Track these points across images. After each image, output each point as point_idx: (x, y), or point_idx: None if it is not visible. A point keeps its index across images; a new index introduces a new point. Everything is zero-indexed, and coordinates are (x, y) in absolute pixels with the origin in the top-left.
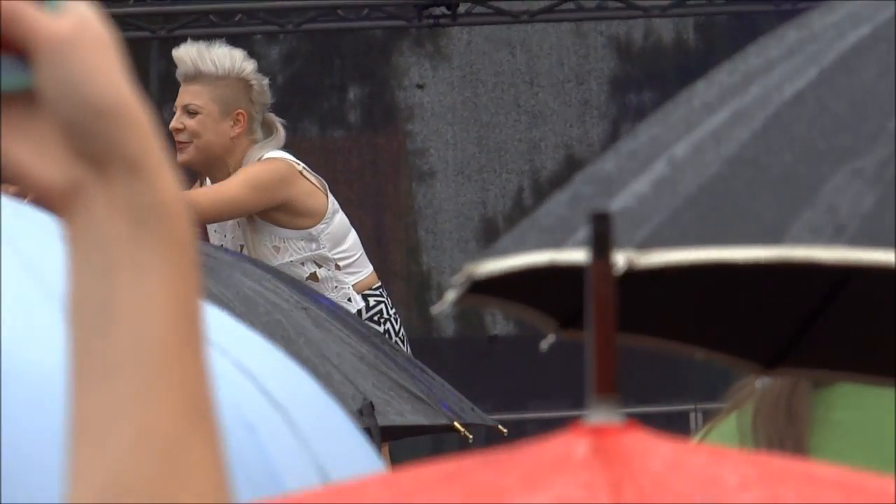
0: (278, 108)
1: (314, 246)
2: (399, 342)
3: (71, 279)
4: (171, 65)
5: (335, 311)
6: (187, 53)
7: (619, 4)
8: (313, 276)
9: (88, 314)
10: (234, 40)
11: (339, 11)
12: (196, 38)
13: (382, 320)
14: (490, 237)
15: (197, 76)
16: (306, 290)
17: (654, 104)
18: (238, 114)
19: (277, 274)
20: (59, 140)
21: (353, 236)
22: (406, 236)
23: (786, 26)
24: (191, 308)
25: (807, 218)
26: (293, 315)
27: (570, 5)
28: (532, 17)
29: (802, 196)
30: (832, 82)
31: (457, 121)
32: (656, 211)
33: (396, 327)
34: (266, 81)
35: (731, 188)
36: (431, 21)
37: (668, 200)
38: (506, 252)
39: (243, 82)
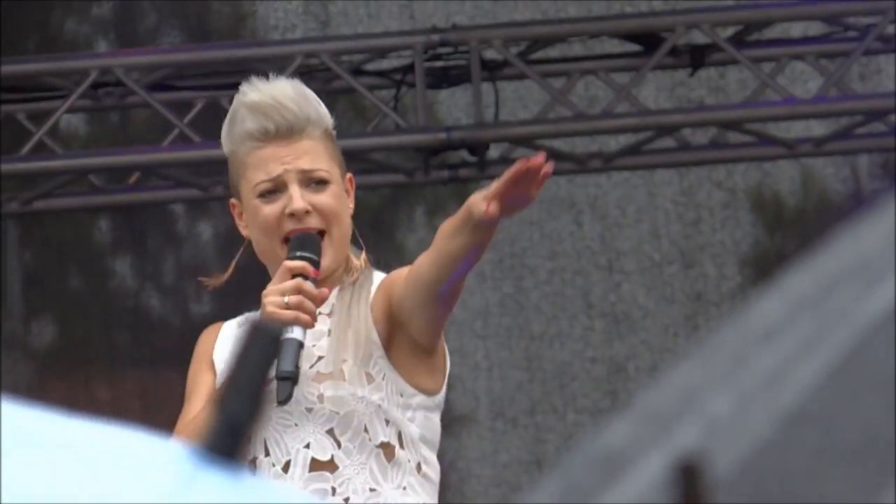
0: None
1: (425, 421)
2: None
3: None
4: None
5: None
6: (281, 94)
7: (748, 138)
8: (388, 450)
9: None
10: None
11: None
12: None
13: None
14: None
15: (304, 127)
16: None
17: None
18: (350, 179)
19: None
20: None
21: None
22: None
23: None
24: None
25: None
26: None
27: (669, 142)
28: (607, 162)
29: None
30: None
31: (492, 332)
32: None
33: None
34: None
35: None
36: (447, 174)
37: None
38: None
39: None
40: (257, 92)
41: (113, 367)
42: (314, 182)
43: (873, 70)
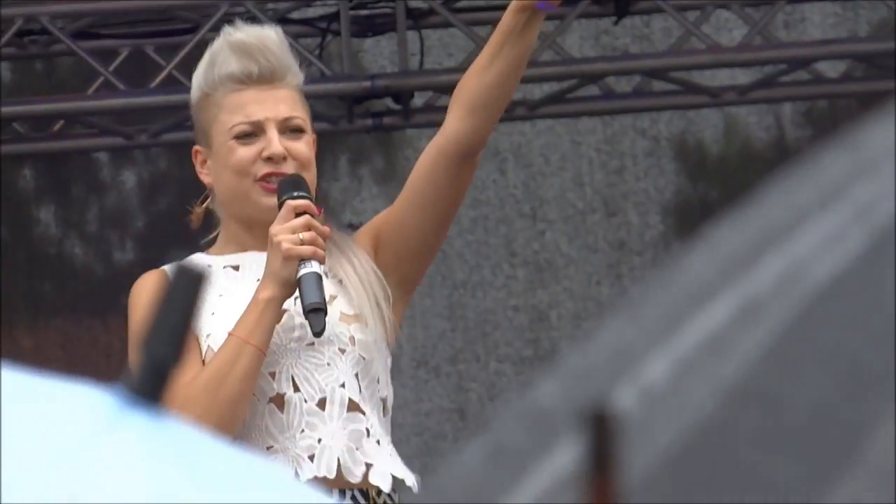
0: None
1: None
2: None
3: None
4: None
5: None
6: (268, 37)
7: (672, 87)
8: (385, 407)
9: None
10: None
11: None
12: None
13: None
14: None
15: (285, 75)
16: None
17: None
18: (314, 141)
19: None
20: None
21: None
22: None
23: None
24: None
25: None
26: None
27: (593, 89)
28: (531, 110)
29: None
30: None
31: None
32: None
33: None
34: None
35: (728, 438)
36: (370, 122)
37: (635, 459)
38: None
39: None
40: (244, 33)
41: (36, 315)
42: (290, 130)
43: (798, 18)
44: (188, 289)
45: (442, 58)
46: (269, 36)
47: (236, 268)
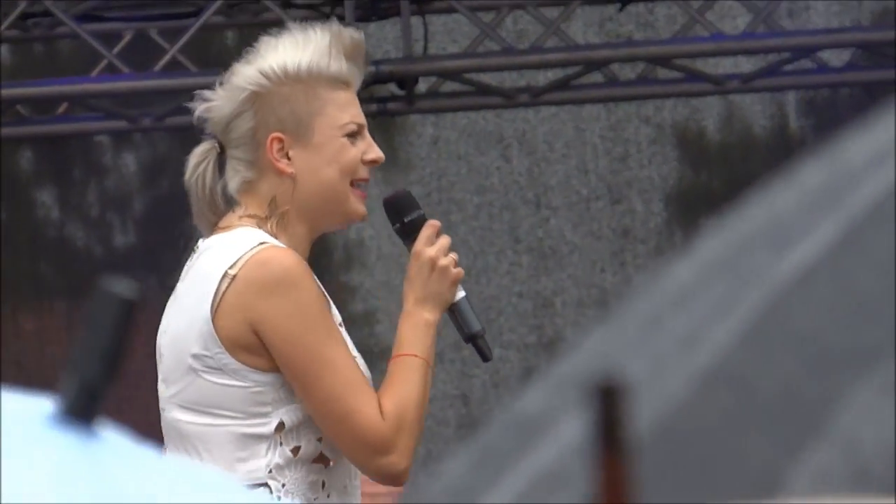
0: None
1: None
2: None
3: None
4: None
5: None
6: (363, 44)
7: (675, 74)
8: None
9: None
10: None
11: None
12: None
13: None
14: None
15: (361, 81)
16: None
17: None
18: None
19: None
20: None
21: None
22: None
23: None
24: None
25: (816, 461)
26: None
27: (598, 76)
28: (536, 96)
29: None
30: (857, 248)
31: None
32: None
33: None
34: None
35: (707, 420)
36: (374, 107)
37: None
38: None
39: None
40: (353, 37)
41: (40, 298)
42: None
43: (802, 7)
44: (118, 308)
45: (446, 43)
46: (364, 42)
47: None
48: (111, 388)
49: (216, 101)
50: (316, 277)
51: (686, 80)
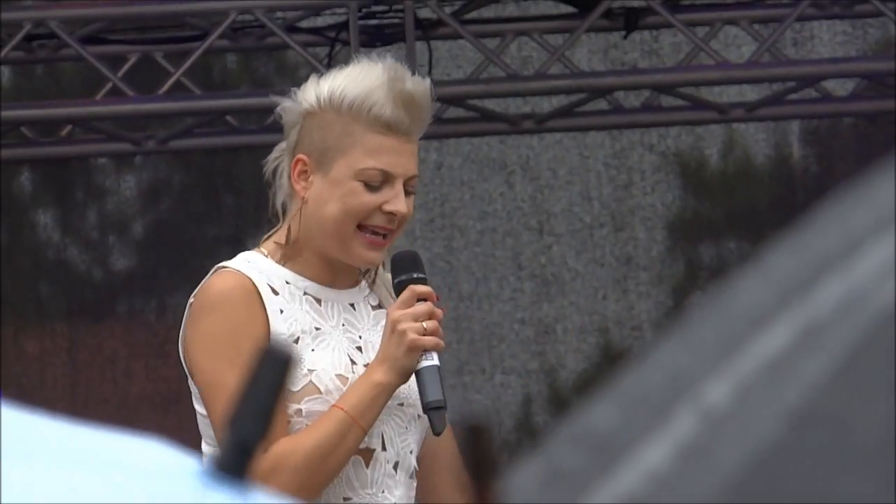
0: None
1: None
2: None
3: None
4: None
5: None
6: (425, 94)
7: (680, 102)
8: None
9: None
10: None
11: (229, 117)
12: None
13: None
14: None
15: (421, 130)
16: None
17: (740, 265)
18: None
19: None
20: None
21: None
22: None
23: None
24: None
25: None
26: None
27: (602, 103)
28: (540, 123)
29: None
30: None
31: None
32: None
33: None
34: None
35: (798, 461)
36: None
37: (700, 482)
38: None
39: None
40: (412, 85)
41: (41, 320)
42: (408, 190)
43: (806, 36)
44: (276, 368)
45: (450, 69)
46: (425, 91)
47: (318, 301)
48: (261, 446)
49: (288, 105)
50: (266, 301)
51: (690, 109)
